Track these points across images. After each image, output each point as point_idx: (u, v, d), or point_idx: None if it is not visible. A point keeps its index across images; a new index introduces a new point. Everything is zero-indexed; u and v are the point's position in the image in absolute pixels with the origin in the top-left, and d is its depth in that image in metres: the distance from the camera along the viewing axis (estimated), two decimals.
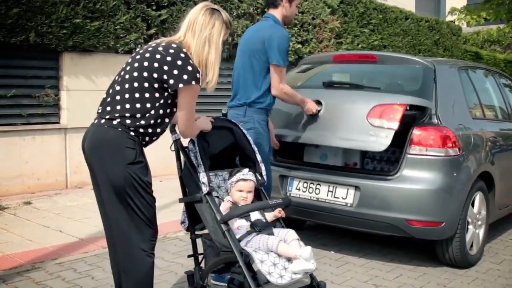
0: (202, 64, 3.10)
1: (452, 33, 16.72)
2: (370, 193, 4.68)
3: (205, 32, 3.10)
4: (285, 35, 4.41)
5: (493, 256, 5.38)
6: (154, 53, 3.07)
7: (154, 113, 3.05)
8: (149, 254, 3.14)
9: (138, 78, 3.04)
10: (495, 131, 5.59)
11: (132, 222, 3.07)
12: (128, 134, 3.00)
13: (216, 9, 3.20)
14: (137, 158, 3.00)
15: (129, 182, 2.98)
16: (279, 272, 3.25)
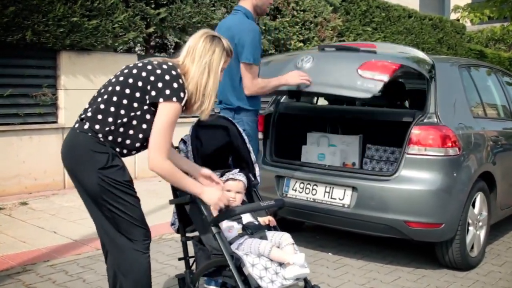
0: (199, 90, 3.01)
1: (456, 31, 16.58)
2: (367, 194, 4.57)
3: (205, 58, 3.02)
4: (255, 29, 4.20)
5: (494, 258, 5.27)
6: (145, 66, 3.00)
7: (126, 124, 2.94)
8: (144, 254, 3.05)
9: (119, 93, 2.95)
10: (497, 130, 5.47)
11: (119, 226, 2.98)
12: (98, 139, 2.91)
13: (217, 36, 3.13)
14: (109, 163, 2.90)
15: (104, 188, 2.90)
16: (270, 277, 3.15)
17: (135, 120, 2.95)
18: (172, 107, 2.91)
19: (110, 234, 3.01)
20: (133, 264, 3.02)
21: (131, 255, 3.02)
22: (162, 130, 2.91)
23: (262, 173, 4.98)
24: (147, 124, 2.97)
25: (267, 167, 5.14)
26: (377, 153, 5.27)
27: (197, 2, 9.08)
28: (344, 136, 5.38)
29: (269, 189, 5.01)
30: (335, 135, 5.43)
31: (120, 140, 2.96)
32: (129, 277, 3.04)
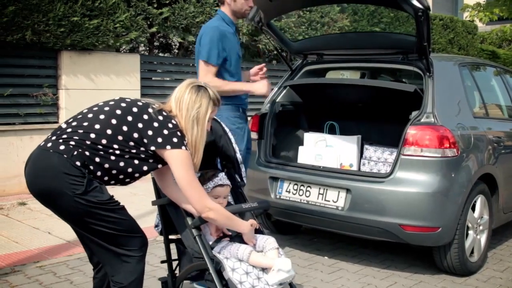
0: (191, 145, 2.97)
1: (467, 31, 16.35)
2: (361, 196, 4.45)
3: (192, 111, 2.97)
4: (214, 30, 4.16)
5: (496, 263, 5.11)
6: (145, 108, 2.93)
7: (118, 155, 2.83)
8: (139, 262, 2.95)
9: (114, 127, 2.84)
10: (500, 131, 5.31)
11: (112, 240, 2.87)
12: (73, 162, 2.73)
13: (202, 86, 3.06)
14: (88, 187, 2.74)
15: (86, 211, 2.75)
16: (251, 282, 3.06)
17: (127, 154, 2.86)
18: (183, 154, 2.88)
19: (103, 251, 2.90)
20: (130, 276, 2.92)
21: (128, 267, 2.91)
22: (191, 182, 2.91)
23: (256, 174, 4.96)
24: (139, 161, 2.89)
25: (261, 168, 5.04)
26: (375, 154, 5.15)
27: (201, 1, 9.00)
28: (341, 137, 5.26)
29: (263, 191, 4.91)
30: (332, 136, 5.31)
31: (107, 166, 2.83)
32: (130, 286, 2.93)
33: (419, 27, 4.35)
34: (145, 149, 2.86)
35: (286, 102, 5.46)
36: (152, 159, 2.92)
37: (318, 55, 5.49)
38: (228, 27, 4.27)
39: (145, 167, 2.92)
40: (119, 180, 2.94)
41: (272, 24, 5.19)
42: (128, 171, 2.88)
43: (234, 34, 4.32)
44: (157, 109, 2.96)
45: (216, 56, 4.14)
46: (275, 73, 10.79)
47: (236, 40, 4.34)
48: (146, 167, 2.92)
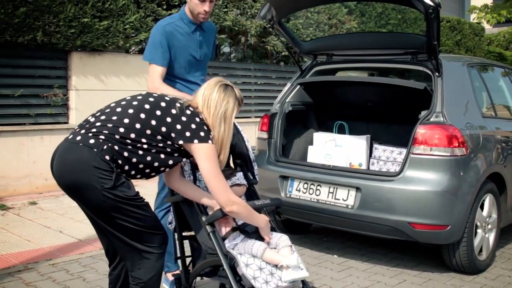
0: (218, 142, 3.03)
1: (474, 33, 16.37)
2: (371, 195, 4.49)
3: (220, 109, 3.03)
4: (158, 25, 4.05)
5: (505, 261, 5.14)
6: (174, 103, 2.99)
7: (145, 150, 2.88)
8: (159, 259, 3.00)
9: (143, 121, 2.89)
10: (508, 131, 5.34)
11: (135, 236, 2.91)
12: (103, 156, 2.77)
13: (229, 85, 3.13)
14: (116, 182, 2.78)
15: (113, 205, 2.79)
16: (265, 277, 3.09)
17: (154, 148, 2.91)
18: (210, 148, 2.94)
19: (125, 246, 2.95)
20: (149, 272, 2.97)
21: (147, 264, 2.96)
22: (216, 176, 2.96)
23: (266, 173, 5.00)
24: (165, 155, 2.95)
25: (271, 167, 5.08)
26: (384, 153, 5.19)
27: None
28: (351, 137, 5.30)
29: (273, 190, 4.95)
30: (342, 136, 5.35)
31: (134, 162, 2.88)
32: (149, 282, 2.98)
33: (429, 26, 4.39)
34: (172, 143, 2.91)
35: (296, 102, 5.50)
36: (178, 153, 2.97)
37: (327, 55, 5.54)
38: (185, 26, 4.08)
39: (170, 161, 2.97)
40: (144, 174, 2.99)
41: (283, 23, 5.23)
42: (154, 165, 2.93)
43: (191, 33, 4.09)
44: (185, 104, 3.01)
45: (160, 57, 3.96)
46: (283, 74, 10.85)
47: (193, 39, 4.10)
48: (172, 161, 2.97)
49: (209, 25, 4.30)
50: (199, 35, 4.13)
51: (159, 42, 3.96)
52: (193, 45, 4.10)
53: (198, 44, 4.12)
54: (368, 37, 5.99)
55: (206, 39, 4.20)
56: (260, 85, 10.68)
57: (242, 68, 10.16)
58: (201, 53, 4.15)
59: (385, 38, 5.64)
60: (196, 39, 4.11)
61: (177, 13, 4.19)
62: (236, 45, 10.25)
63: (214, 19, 9.05)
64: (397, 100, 5.28)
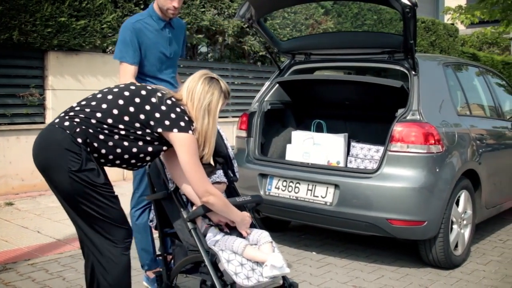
0: (201, 135, 3.04)
1: (448, 34, 16.59)
2: (349, 192, 4.55)
3: (204, 101, 3.03)
4: (127, 23, 4.00)
5: (479, 257, 5.24)
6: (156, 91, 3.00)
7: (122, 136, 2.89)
8: (124, 254, 3.00)
9: (121, 107, 2.91)
10: (483, 129, 5.45)
11: (97, 226, 2.92)
12: (75, 139, 2.80)
13: (215, 78, 3.13)
14: (83, 166, 2.81)
15: (77, 189, 2.81)
16: (246, 273, 3.12)
17: (132, 135, 2.92)
18: (189, 138, 2.94)
19: (89, 234, 2.95)
20: (113, 265, 2.97)
21: (111, 256, 2.96)
22: (194, 166, 2.97)
23: (245, 172, 5.03)
24: (144, 143, 2.95)
25: (250, 165, 5.12)
26: (362, 151, 5.25)
27: (187, 3, 9.06)
28: (329, 135, 5.36)
29: (252, 188, 4.99)
30: (320, 134, 5.41)
31: (111, 144, 2.89)
32: (109, 277, 2.98)
33: (405, 25, 4.47)
34: (151, 131, 2.92)
35: (274, 101, 5.55)
36: (158, 142, 2.97)
37: (306, 54, 5.59)
38: (154, 23, 4.01)
39: (150, 148, 2.97)
40: (125, 161, 2.99)
41: (262, 22, 5.27)
42: (133, 151, 2.94)
43: (160, 30, 4.04)
44: (167, 95, 3.02)
45: (131, 55, 3.92)
46: (260, 74, 10.89)
47: (162, 36, 4.06)
48: (151, 148, 2.98)
49: (178, 22, 4.26)
50: (169, 32, 4.09)
51: (129, 40, 3.92)
52: (162, 42, 4.07)
53: (167, 41, 4.09)
54: (346, 37, 6.06)
55: (175, 36, 4.17)
56: (238, 85, 10.71)
57: (220, 68, 10.18)
58: (171, 50, 4.12)
59: (362, 38, 5.71)
60: (165, 36, 4.07)
61: (146, 10, 4.14)
62: (214, 45, 10.27)
63: (191, 19, 9.06)
64: (375, 99, 5.36)
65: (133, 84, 3.07)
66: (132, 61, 3.93)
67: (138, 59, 3.95)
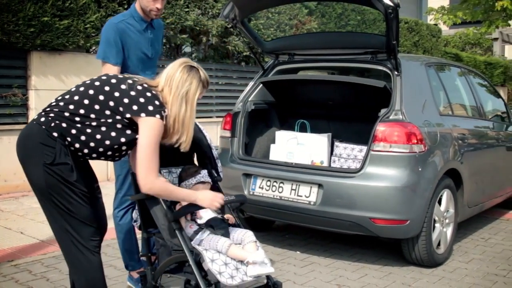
0: (178, 122, 3.04)
1: (432, 34, 16.71)
2: (333, 191, 4.58)
3: (182, 89, 3.04)
4: (110, 23, 4.00)
5: (462, 255, 5.30)
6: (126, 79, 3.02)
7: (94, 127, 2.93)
8: (93, 252, 3.02)
9: (92, 97, 2.95)
10: (465, 128, 5.51)
11: (65, 222, 2.95)
12: (50, 133, 2.88)
13: (194, 67, 3.14)
14: (57, 160, 2.87)
15: (50, 183, 2.87)
16: (230, 272, 3.13)
17: (104, 126, 2.94)
18: (156, 123, 2.93)
19: (58, 231, 2.99)
20: (83, 263, 3.00)
21: (80, 254, 2.99)
22: (149, 151, 2.94)
23: (229, 172, 5.04)
24: (116, 133, 2.97)
25: (234, 165, 5.13)
26: (345, 151, 5.28)
27: (171, 3, 9.05)
28: (312, 135, 5.39)
29: (236, 188, 5.00)
30: (303, 134, 5.43)
31: (84, 139, 2.93)
32: (80, 276, 3.02)
33: (388, 25, 4.50)
34: (121, 117, 2.93)
35: (258, 101, 5.56)
36: (130, 130, 2.98)
37: (289, 55, 5.61)
38: (136, 24, 4.01)
39: (123, 139, 2.98)
40: (101, 154, 3.02)
41: (246, 22, 5.28)
42: (106, 143, 2.96)
43: (142, 31, 4.04)
44: (139, 82, 3.02)
45: (114, 55, 3.90)
46: (244, 74, 10.90)
47: (144, 37, 4.06)
48: (124, 139, 2.98)
49: (158, 22, 4.26)
50: (150, 33, 4.10)
51: (113, 40, 3.91)
52: (144, 43, 4.07)
53: (149, 42, 4.10)
54: (329, 37, 6.09)
55: (156, 37, 4.19)
56: (222, 85, 10.72)
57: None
58: (152, 51, 4.13)
59: (345, 38, 5.74)
60: (147, 37, 4.08)
61: (128, 10, 4.13)
62: (198, 45, 10.26)
63: (175, 19, 9.05)
64: (358, 99, 5.40)
65: (105, 75, 3.11)
66: (115, 61, 3.91)
67: (121, 60, 3.94)
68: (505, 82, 21.37)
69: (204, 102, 10.20)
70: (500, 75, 20.48)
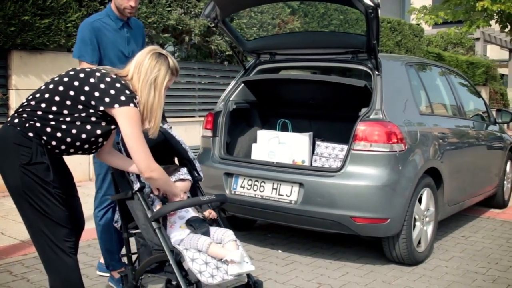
0: (147, 108, 3.06)
1: (414, 34, 16.80)
2: (314, 190, 4.60)
3: (150, 75, 3.06)
4: (86, 22, 4.04)
5: (442, 253, 5.34)
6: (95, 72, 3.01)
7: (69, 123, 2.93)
8: (68, 253, 3.01)
9: (62, 93, 2.94)
10: (445, 127, 5.55)
11: (40, 223, 2.94)
12: (25, 134, 2.88)
13: (163, 54, 3.15)
14: (33, 159, 2.88)
15: (26, 184, 2.87)
16: (210, 272, 3.14)
17: (78, 121, 2.94)
18: (132, 111, 2.95)
19: (33, 232, 2.98)
20: (58, 265, 3.00)
21: (54, 255, 2.98)
22: (137, 138, 2.98)
23: (211, 171, 5.05)
24: (91, 126, 2.97)
25: (216, 165, 5.14)
26: (326, 150, 5.30)
27: (153, 2, 9.03)
28: (294, 134, 5.40)
29: (218, 187, 5.00)
30: (285, 133, 5.45)
31: (60, 136, 2.93)
32: (55, 277, 3.03)
33: (368, 25, 4.54)
34: (94, 111, 2.94)
35: (240, 100, 5.57)
36: (104, 121, 2.99)
37: (271, 54, 5.62)
38: (112, 22, 4.05)
39: (98, 131, 2.99)
40: (78, 148, 3.02)
41: (227, 22, 5.29)
42: (82, 137, 2.97)
43: (118, 30, 4.07)
44: (108, 73, 3.03)
45: (90, 53, 3.95)
46: (226, 73, 10.89)
47: (120, 36, 4.08)
48: (100, 131, 2.99)
49: (136, 22, 4.30)
50: (127, 31, 4.11)
51: (88, 39, 3.94)
52: (121, 42, 4.09)
53: (126, 41, 4.11)
54: (310, 37, 6.12)
55: (133, 36, 4.19)
56: (204, 84, 10.70)
57: (186, 67, 10.15)
58: (129, 50, 4.12)
59: (326, 38, 5.77)
60: (123, 35, 4.09)
61: (104, 10, 4.17)
62: (180, 44, 10.24)
63: (157, 18, 9.03)
64: (339, 98, 5.42)
65: (73, 69, 3.09)
66: (91, 59, 3.94)
67: (97, 58, 3.97)
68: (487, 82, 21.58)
69: (186, 101, 10.18)
70: (482, 74, 20.67)
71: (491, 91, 22.01)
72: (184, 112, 10.01)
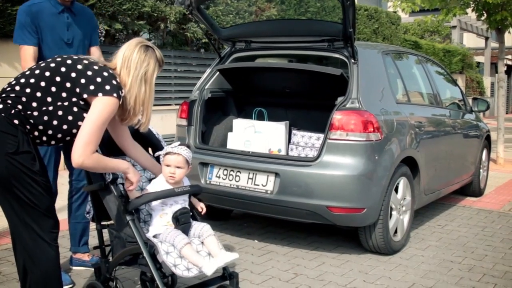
0: (138, 103, 3.02)
1: (391, 22, 16.84)
2: (290, 180, 4.56)
3: (140, 70, 3.01)
4: (23, 6, 3.97)
5: (418, 242, 5.35)
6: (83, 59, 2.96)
7: (51, 112, 2.85)
8: (50, 245, 2.96)
9: (48, 79, 2.87)
10: (421, 116, 5.55)
11: (25, 214, 2.88)
12: (11, 120, 2.79)
13: (150, 47, 3.11)
14: (20, 148, 2.80)
15: (12, 172, 2.79)
16: (186, 265, 3.09)
17: (61, 110, 2.88)
18: (111, 102, 2.87)
19: (17, 223, 2.91)
20: (41, 255, 2.94)
21: (38, 246, 2.93)
22: (95, 126, 2.84)
23: None
24: (73, 116, 2.91)
25: None
26: (302, 139, 5.27)
27: None
28: (270, 123, 5.36)
29: (193, 177, 4.93)
30: (261, 122, 5.40)
31: (41, 127, 2.87)
32: (37, 268, 2.96)
33: (345, 13, 4.49)
34: (77, 99, 2.88)
35: (215, 89, 5.51)
36: (86, 112, 2.91)
37: (246, 42, 5.56)
38: (51, 7, 3.98)
39: (80, 122, 2.92)
40: (60, 140, 2.98)
41: (202, 9, 5.21)
42: (63, 127, 2.91)
43: (57, 14, 4.01)
44: (95, 62, 2.98)
45: (28, 36, 3.88)
46: (203, 61, 10.81)
47: (59, 21, 4.02)
48: (81, 122, 2.91)
49: (82, 9, 4.25)
50: (68, 17, 4.07)
51: (25, 22, 3.90)
52: (60, 26, 4.03)
53: (65, 26, 4.05)
54: (286, 24, 6.06)
55: (77, 23, 4.12)
56: (180, 72, 10.60)
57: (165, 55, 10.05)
58: (69, 36, 4.07)
59: (302, 26, 5.71)
60: (63, 21, 4.04)
61: None
62: (156, 31, 10.12)
63: (132, 5, 8.90)
64: (315, 87, 5.38)
65: (59, 56, 3.03)
66: (31, 42, 3.90)
67: (36, 41, 3.92)
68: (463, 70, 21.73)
69: (162, 89, 10.08)
70: (459, 62, 20.82)
71: (467, 79, 22.19)
72: (160, 100, 9.91)
